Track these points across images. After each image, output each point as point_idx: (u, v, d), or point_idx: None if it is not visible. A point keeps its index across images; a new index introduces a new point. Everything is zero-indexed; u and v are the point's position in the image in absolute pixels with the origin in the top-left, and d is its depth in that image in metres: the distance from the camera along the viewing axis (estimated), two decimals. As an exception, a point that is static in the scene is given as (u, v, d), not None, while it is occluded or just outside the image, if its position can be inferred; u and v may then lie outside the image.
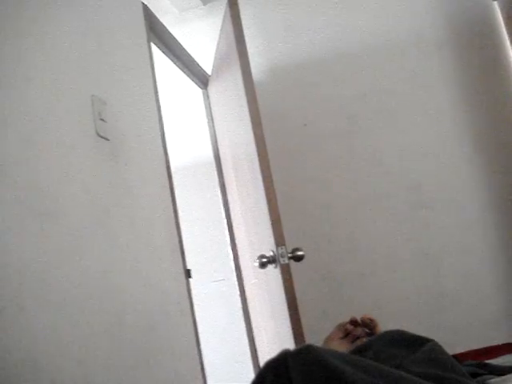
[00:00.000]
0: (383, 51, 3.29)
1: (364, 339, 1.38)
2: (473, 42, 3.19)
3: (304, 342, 2.07)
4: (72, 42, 1.62)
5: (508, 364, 1.44)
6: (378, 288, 3.11)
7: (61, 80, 1.50)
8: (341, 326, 1.42)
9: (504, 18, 3.13)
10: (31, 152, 1.28)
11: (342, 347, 1.36)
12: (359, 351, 1.00)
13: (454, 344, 2.81)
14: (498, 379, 1.30)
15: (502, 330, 2.92)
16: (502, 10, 3.13)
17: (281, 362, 0.75)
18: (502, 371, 1.35)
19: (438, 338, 1.08)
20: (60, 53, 1.53)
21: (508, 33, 3.12)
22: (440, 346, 1.04)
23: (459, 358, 1.72)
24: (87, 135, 1.58)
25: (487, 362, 1.53)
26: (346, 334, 1.40)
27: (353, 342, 1.38)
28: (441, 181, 3.13)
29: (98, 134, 1.64)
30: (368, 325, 1.42)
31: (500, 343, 2.69)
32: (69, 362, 1.25)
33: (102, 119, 1.67)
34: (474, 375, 1.33)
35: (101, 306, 1.44)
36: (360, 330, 1.41)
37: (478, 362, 1.51)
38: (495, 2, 3.17)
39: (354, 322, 1.42)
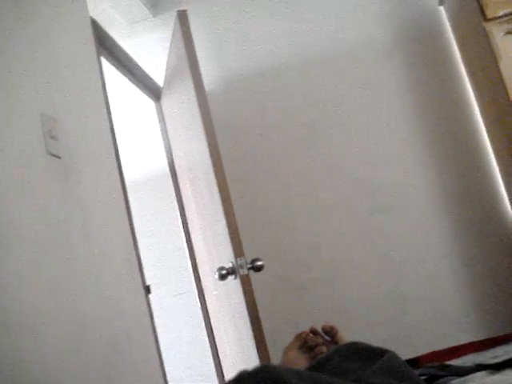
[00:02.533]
0: (336, 60, 3.34)
1: (323, 347, 1.38)
2: (422, 47, 3.26)
3: (267, 352, 2.07)
4: (20, 59, 1.59)
5: (468, 365, 1.47)
6: (340, 293, 3.13)
7: (9, 98, 1.47)
8: (299, 336, 1.42)
9: (450, 22, 3.20)
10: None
11: (300, 357, 1.37)
12: (318, 366, 1.00)
13: (417, 345, 2.86)
14: (458, 380, 1.32)
15: (464, 331, 2.98)
16: (448, 14, 3.20)
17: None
18: (462, 372, 1.36)
19: (401, 341, 1.09)
20: (7, 70, 1.50)
21: (455, 36, 3.20)
22: (397, 357, 1.04)
23: (422, 359, 1.74)
24: (38, 154, 1.55)
25: (448, 363, 1.55)
26: (304, 343, 1.41)
27: (311, 351, 1.39)
28: (398, 185, 3.18)
29: (49, 153, 1.60)
30: (328, 332, 1.42)
31: (462, 343, 2.74)
32: (30, 382, 1.22)
33: (52, 137, 1.63)
34: (436, 377, 1.34)
35: (59, 327, 1.41)
36: (318, 338, 1.42)
37: (440, 363, 1.53)
38: (441, 7, 3.24)
39: (313, 331, 1.43)
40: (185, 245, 3.22)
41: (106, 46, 2.60)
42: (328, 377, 0.79)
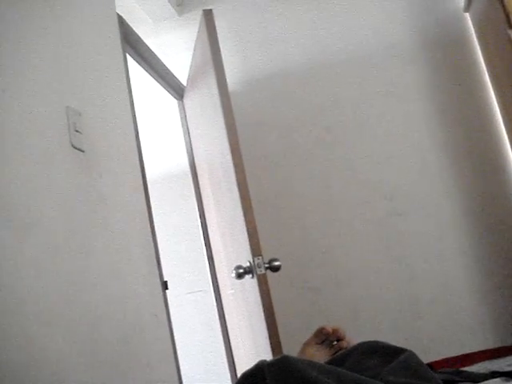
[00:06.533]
0: (358, 63, 3.33)
1: (343, 342, 1.38)
2: (446, 53, 3.24)
3: (281, 351, 2.07)
4: (46, 53, 1.61)
5: (483, 371, 1.46)
6: (354, 296, 3.12)
7: (35, 91, 1.49)
8: (319, 332, 1.41)
9: (475, 29, 3.18)
10: (5, 164, 1.26)
11: (319, 353, 1.36)
12: (337, 361, 1.00)
13: (430, 351, 2.85)
14: (473, 386, 1.32)
15: (478, 338, 2.95)
16: (473, 21, 3.18)
17: (258, 373, 0.75)
18: (477, 378, 1.36)
19: (414, 346, 1.09)
20: (34, 64, 1.52)
21: (480, 43, 3.17)
22: (416, 356, 1.04)
23: (435, 365, 1.73)
24: (62, 146, 1.57)
25: (463, 369, 1.54)
26: (324, 340, 1.40)
27: (331, 347, 1.38)
28: (415, 189, 3.16)
29: (73, 146, 1.62)
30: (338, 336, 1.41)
31: (475, 350, 2.72)
32: (43, 374, 1.23)
33: (76, 130, 1.65)
34: (450, 383, 1.34)
35: (75, 317, 1.43)
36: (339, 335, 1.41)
37: (454, 369, 1.52)
38: (467, 14, 3.22)
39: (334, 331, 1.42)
40: (202, 243, 3.24)
41: (131, 42, 2.62)
42: (345, 370, 0.79)
